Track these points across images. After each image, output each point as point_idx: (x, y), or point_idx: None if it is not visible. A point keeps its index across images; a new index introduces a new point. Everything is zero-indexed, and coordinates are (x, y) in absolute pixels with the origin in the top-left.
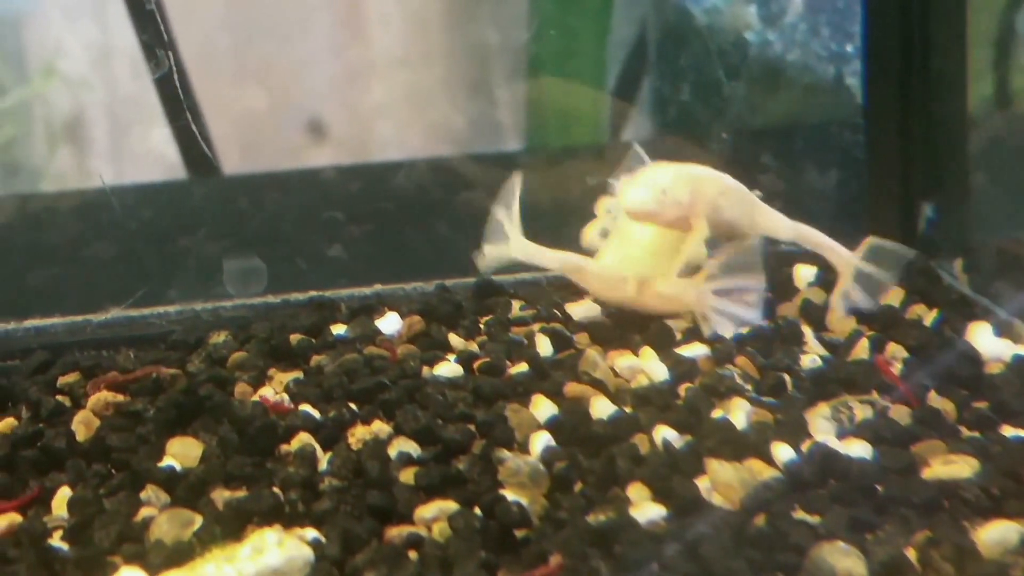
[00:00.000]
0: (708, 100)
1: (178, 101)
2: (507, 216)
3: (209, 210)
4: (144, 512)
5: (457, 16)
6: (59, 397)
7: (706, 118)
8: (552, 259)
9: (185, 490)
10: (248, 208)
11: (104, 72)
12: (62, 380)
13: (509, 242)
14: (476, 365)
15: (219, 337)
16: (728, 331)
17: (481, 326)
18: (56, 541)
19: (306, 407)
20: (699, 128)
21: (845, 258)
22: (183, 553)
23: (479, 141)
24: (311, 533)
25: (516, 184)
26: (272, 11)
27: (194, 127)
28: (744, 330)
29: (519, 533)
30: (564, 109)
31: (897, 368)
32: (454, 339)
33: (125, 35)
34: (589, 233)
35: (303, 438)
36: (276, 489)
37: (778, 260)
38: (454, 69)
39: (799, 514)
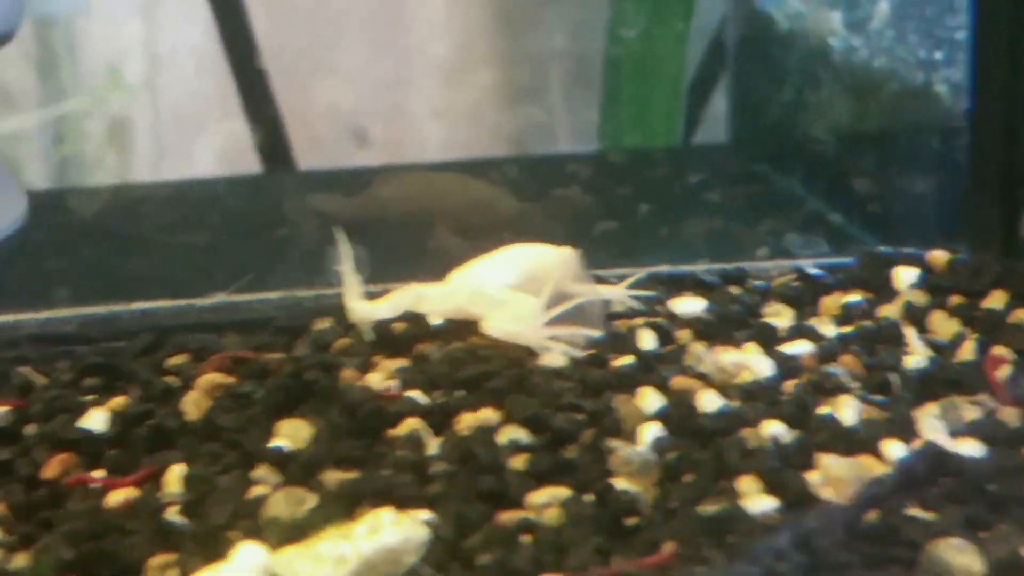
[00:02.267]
0: (789, 104)
1: (259, 97)
2: (345, 278)
3: (298, 202)
4: (256, 491)
5: (537, 18)
6: (168, 378)
7: (785, 122)
8: (387, 309)
9: (296, 470)
10: (332, 201)
11: (164, 70)
12: (170, 362)
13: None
14: (581, 357)
15: (323, 324)
16: (577, 353)
17: None
18: (171, 516)
19: (413, 393)
20: (777, 132)
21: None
22: (299, 530)
23: (554, 142)
24: (423, 515)
25: (345, 245)
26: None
27: (269, 124)
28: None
29: (631, 521)
30: (640, 111)
31: (1007, 369)
32: None
33: (184, 33)
34: None
35: (412, 423)
36: (387, 472)
37: (878, 262)
38: (533, 71)
39: (912, 510)
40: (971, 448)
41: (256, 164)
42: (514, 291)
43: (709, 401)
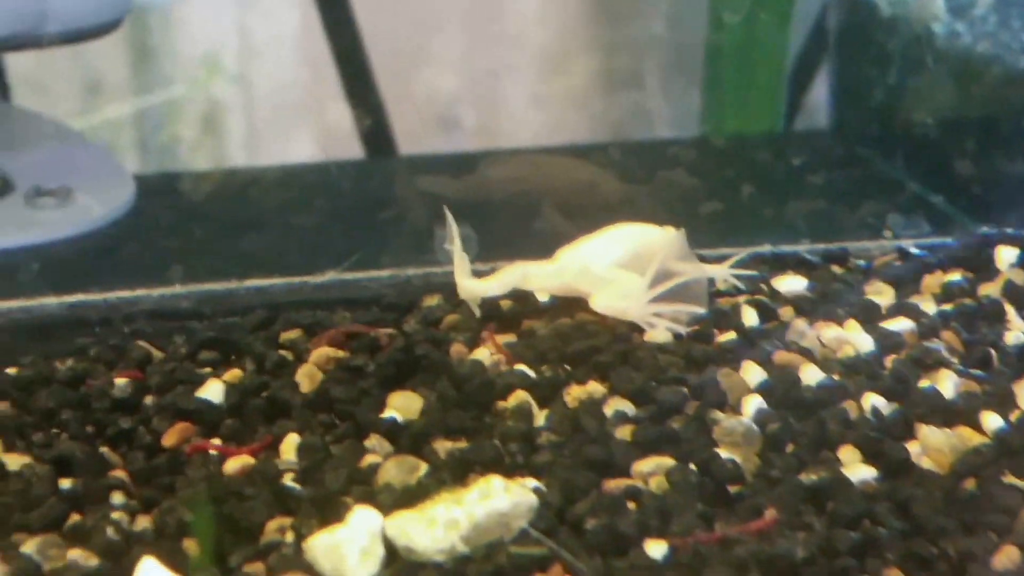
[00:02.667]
0: (891, 89)
1: (362, 83)
2: (455, 256)
3: (404, 185)
4: (369, 459)
5: (636, 5)
6: (282, 352)
7: (888, 106)
8: (496, 286)
9: (408, 440)
10: (438, 184)
11: (260, 58)
12: (284, 336)
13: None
14: (685, 333)
15: (432, 300)
16: (681, 329)
17: None
18: (288, 482)
19: (521, 367)
20: (880, 116)
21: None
22: (412, 496)
23: (653, 129)
24: (532, 483)
25: (454, 224)
26: None
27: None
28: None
29: (733, 489)
30: (742, 97)
31: None
32: None
33: (280, 21)
34: None
35: (520, 395)
36: (496, 441)
37: (980, 242)
38: (632, 58)
39: (1009, 479)
40: None
41: (353, 150)
42: (620, 269)
43: (811, 375)
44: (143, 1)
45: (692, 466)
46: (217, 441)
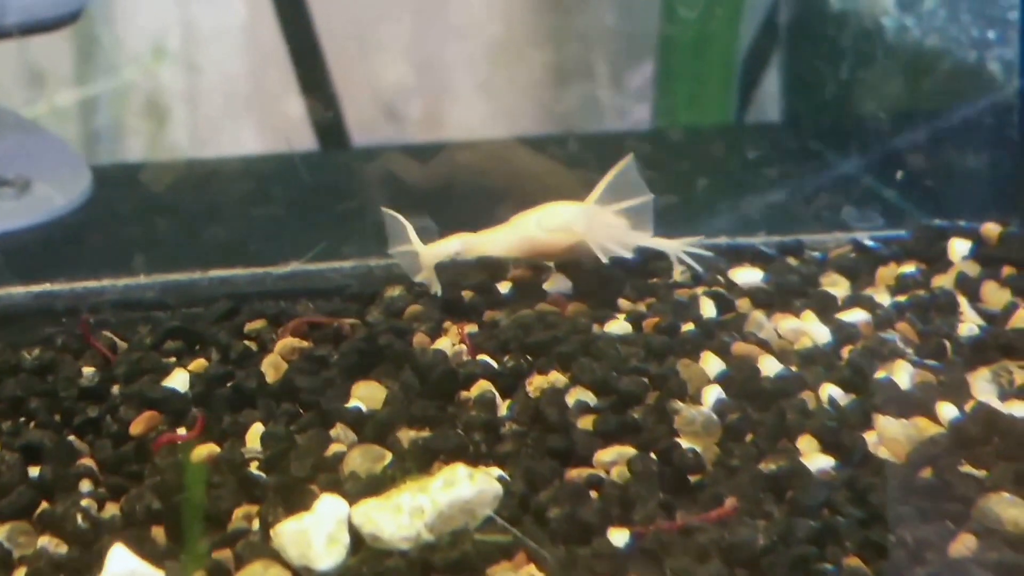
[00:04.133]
0: (841, 82)
1: (316, 76)
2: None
3: (362, 175)
4: (334, 448)
5: None
6: (247, 342)
7: (837, 101)
8: (450, 246)
9: (372, 429)
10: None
11: (205, 48)
12: (249, 326)
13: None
14: (646, 323)
15: (394, 291)
16: (628, 254)
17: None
18: (254, 470)
19: (484, 357)
20: (830, 110)
21: None
22: (378, 483)
23: (605, 121)
24: (495, 472)
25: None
26: None
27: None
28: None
29: (694, 478)
30: (694, 89)
31: None
32: (621, 301)
33: (226, 11)
34: None
35: (483, 385)
36: (459, 431)
37: (932, 234)
38: (585, 50)
39: (965, 468)
40: (1021, 410)
41: (303, 140)
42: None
43: (769, 366)
44: None
45: (653, 455)
46: (182, 431)
